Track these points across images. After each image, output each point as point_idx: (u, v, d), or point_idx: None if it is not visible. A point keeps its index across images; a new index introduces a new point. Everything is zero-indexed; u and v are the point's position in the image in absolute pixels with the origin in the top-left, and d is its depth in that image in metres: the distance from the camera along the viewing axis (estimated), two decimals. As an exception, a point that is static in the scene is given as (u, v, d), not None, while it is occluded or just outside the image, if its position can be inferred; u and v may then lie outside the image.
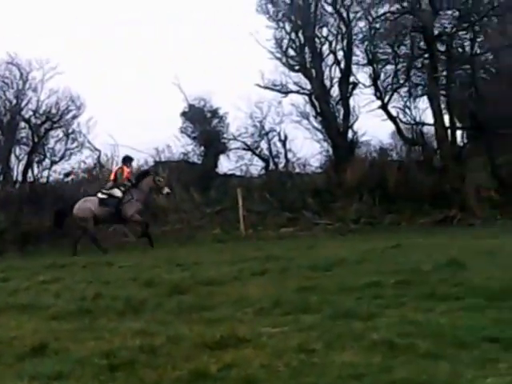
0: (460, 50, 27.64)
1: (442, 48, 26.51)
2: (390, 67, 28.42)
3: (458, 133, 28.21)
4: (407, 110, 28.17)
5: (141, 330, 7.36)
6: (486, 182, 25.23)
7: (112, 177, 22.53)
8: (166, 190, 22.23)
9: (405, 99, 28.28)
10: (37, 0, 43.97)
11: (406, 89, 28.37)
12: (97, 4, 44.52)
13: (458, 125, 28.00)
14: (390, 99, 28.02)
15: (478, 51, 27.63)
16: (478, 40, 27.64)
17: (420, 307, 7.88)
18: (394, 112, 27.98)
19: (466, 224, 22.68)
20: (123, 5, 44.82)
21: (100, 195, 22.00)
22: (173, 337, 6.90)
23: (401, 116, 28.16)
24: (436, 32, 25.40)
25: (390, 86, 28.24)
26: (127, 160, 22.90)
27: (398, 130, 28.14)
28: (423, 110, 27.78)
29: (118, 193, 21.85)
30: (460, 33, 26.63)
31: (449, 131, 26.28)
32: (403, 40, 27.36)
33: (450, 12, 26.47)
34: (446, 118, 26.67)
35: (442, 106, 26.30)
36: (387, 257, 13.49)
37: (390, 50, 27.98)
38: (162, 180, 22.28)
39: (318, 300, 8.58)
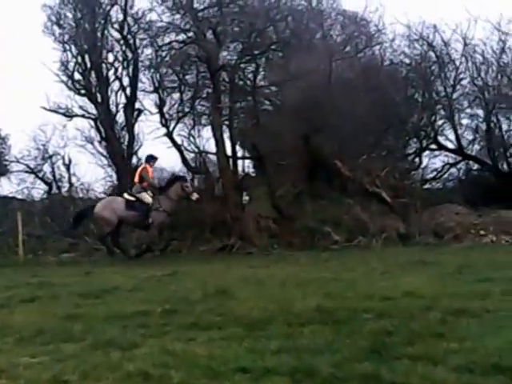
0: (245, 81, 28.29)
1: (226, 79, 27.02)
2: (176, 95, 28.73)
3: (243, 163, 28.85)
4: (191, 139, 28.56)
5: None
6: (266, 212, 25.78)
7: (137, 179, 21.71)
8: (195, 195, 21.93)
9: (189, 127, 28.67)
10: None
11: (190, 117, 28.75)
12: None
13: (241, 155, 28.56)
14: (175, 127, 28.26)
15: (262, 83, 28.41)
16: (262, 73, 28.47)
17: (182, 337, 7.94)
18: (179, 140, 28.24)
19: (244, 252, 23.11)
20: None
21: (127, 196, 21.33)
22: None
23: (185, 144, 28.49)
24: (220, 63, 25.86)
25: (175, 114, 28.50)
26: (150, 159, 22.15)
27: (183, 158, 28.39)
28: (207, 139, 28.22)
29: (147, 199, 21.25)
30: (244, 65, 27.29)
31: (231, 161, 26.75)
32: (189, 69, 27.73)
33: (234, 44, 27.09)
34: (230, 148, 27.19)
35: (226, 135, 26.77)
36: (161, 285, 13.58)
37: (176, 79, 28.28)
38: (189, 186, 22.16)
39: (83, 328, 8.49)
